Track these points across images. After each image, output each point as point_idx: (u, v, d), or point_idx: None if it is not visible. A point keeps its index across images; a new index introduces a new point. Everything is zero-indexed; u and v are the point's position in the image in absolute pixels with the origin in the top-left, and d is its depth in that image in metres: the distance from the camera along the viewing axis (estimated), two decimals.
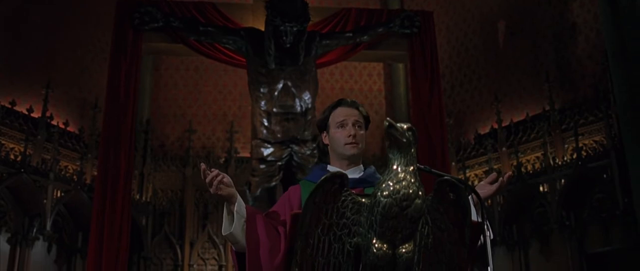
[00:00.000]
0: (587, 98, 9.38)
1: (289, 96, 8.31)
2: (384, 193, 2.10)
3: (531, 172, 9.34)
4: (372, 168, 3.11)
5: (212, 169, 2.78)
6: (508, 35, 10.78)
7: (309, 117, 8.41)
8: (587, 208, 8.79)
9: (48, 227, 8.72)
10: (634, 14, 8.62)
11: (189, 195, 10.51)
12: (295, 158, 8.21)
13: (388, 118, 2.15)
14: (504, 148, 9.86)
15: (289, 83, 8.32)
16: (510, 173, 2.71)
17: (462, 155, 10.42)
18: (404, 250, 2.15)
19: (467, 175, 10.16)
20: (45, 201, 8.80)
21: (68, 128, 9.67)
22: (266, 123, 8.29)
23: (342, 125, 3.02)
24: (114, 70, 8.84)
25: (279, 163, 8.17)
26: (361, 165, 3.07)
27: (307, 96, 8.40)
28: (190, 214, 10.42)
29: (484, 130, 10.49)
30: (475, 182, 9.74)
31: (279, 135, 8.24)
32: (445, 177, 2.26)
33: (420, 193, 2.11)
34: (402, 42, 9.78)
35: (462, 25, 11.38)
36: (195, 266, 10.21)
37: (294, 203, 2.90)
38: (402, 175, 2.11)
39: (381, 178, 2.16)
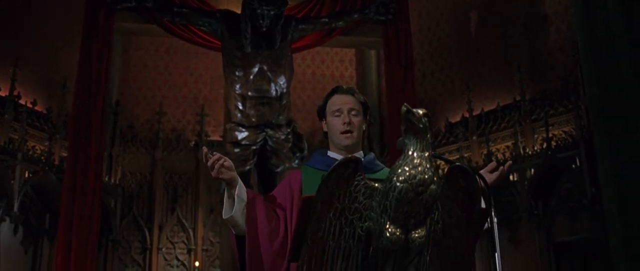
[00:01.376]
0: (557, 89, 9.52)
1: (264, 80, 8.27)
2: (400, 179, 2.10)
3: (502, 161, 9.45)
4: (372, 155, 3.12)
5: (214, 153, 2.76)
6: (480, 25, 10.87)
7: (284, 102, 8.39)
8: (555, 197, 8.95)
9: (15, 208, 8.53)
10: (605, 7, 8.78)
11: (158, 177, 10.40)
12: (270, 143, 8.19)
13: (406, 104, 2.15)
14: (474, 137, 9.96)
15: (265, 68, 8.28)
16: (510, 162, 2.74)
17: (432, 142, 10.48)
18: (416, 235, 2.16)
19: (438, 163, 10.24)
20: (12, 182, 8.60)
21: (36, 108, 9.46)
22: (241, 107, 8.24)
23: (337, 113, 3.02)
24: (85, 50, 8.71)
25: (254, 147, 8.14)
26: (361, 152, 3.07)
27: (282, 80, 8.38)
28: (159, 197, 10.32)
29: (455, 118, 10.58)
30: None
31: (253, 119, 8.20)
32: (457, 164, 2.27)
33: (435, 179, 2.12)
34: (376, 29, 9.83)
35: (435, 14, 11.44)
36: (163, 249, 10.13)
37: (295, 188, 2.90)
38: (418, 161, 2.11)
39: (397, 163, 2.16)
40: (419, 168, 2.10)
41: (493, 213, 2.34)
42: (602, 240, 8.22)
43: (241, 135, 8.16)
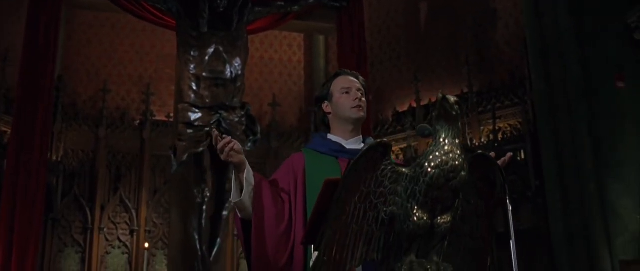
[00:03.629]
0: (505, 83, 9.76)
1: (219, 61, 8.19)
2: (432, 164, 2.12)
3: None
4: (371, 140, 3.13)
5: (224, 136, 2.72)
6: (430, 17, 11.03)
7: (239, 84, 8.33)
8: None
9: None
10: (555, 6, 9.04)
11: (101, 156, 10.14)
12: (224, 125, 8.11)
13: (441, 91, 2.17)
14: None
15: (221, 49, 8.20)
16: (510, 154, 2.81)
17: (380, 131, 10.61)
18: (442, 221, 2.19)
19: None
20: None
21: None
22: (195, 88, 8.13)
23: (347, 91, 3.02)
24: (32, 22, 8.40)
25: (207, 128, 8.04)
26: (361, 136, 3.08)
27: (237, 62, 8.31)
28: (102, 176, 10.06)
29: (403, 108, 10.72)
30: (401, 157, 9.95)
31: (207, 101, 8.11)
32: (480, 152, 2.31)
33: (465, 166, 2.15)
34: (330, 15, 9.85)
35: (386, 3, 11.53)
36: (105, 230, 9.90)
37: (299, 171, 2.89)
38: (449, 148, 2.14)
39: (427, 149, 2.18)
40: (451, 155, 2.13)
41: (508, 202, 2.39)
42: (545, 231, 8.53)
43: (194, 116, 8.05)
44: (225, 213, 8.02)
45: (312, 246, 2.64)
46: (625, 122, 8.16)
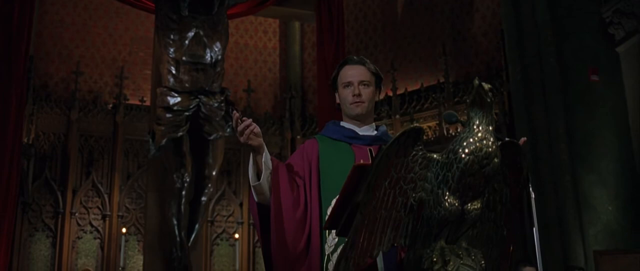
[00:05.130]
0: (481, 74, 9.85)
1: (199, 46, 8.10)
2: (466, 150, 2.11)
3: (426, 140, 9.70)
4: (384, 127, 3.13)
5: (245, 118, 2.68)
6: (407, 7, 11.05)
7: (219, 69, 8.26)
8: None
9: None
10: None
11: (73, 140, 9.97)
12: (203, 110, 8.04)
13: (477, 78, 2.17)
14: (397, 116, 10.17)
15: (201, 33, 8.11)
16: (524, 138, 2.82)
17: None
18: (472, 207, 2.19)
19: None
20: None
21: None
22: (174, 72, 8.04)
23: (348, 85, 3.01)
24: (7, 1, 8.17)
25: (186, 113, 7.97)
26: (374, 124, 3.08)
27: (217, 47, 8.24)
28: (73, 160, 9.90)
29: (379, 96, 10.73)
30: None
31: (187, 85, 8.02)
32: (508, 140, 2.32)
33: (498, 152, 2.15)
34: (309, 2, 9.80)
35: None
36: (77, 214, 9.75)
37: (313, 157, 2.87)
38: (483, 134, 2.14)
39: (460, 135, 2.18)
40: (484, 141, 2.13)
41: (531, 189, 2.41)
42: (519, 221, 8.64)
43: (173, 100, 7.96)
44: (204, 198, 7.97)
45: (333, 231, 2.64)
46: (600, 115, 8.31)
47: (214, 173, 8.10)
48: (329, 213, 2.69)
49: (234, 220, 10.53)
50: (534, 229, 2.42)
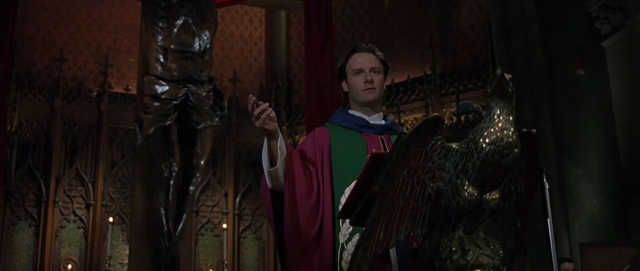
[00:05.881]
0: (467, 67, 9.89)
1: (188, 34, 8.03)
2: (487, 140, 2.11)
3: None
4: (392, 117, 3.13)
5: (261, 102, 2.65)
6: None
7: (207, 58, 8.20)
8: None
9: None
10: None
11: (57, 128, 9.86)
12: (191, 99, 7.96)
13: (500, 68, 2.16)
14: (384, 107, 10.12)
15: (190, 21, 8.04)
16: (533, 130, 2.82)
17: (341, 109, 10.60)
18: (490, 197, 2.19)
19: None
20: None
21: None
22: (162, 60, 7.95)
23: (358, 72, 2.99)
24: None
25: (175, 102, 7.89)
26: (382, 112, 3.07)
27: (206, 36, 8.17)
28: (57, 148, 9.79)
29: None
30: None
31: (175, 74, 7.94)
32: (526, 130, 2.32)
33: (518, 143, 2.15)
34: None
35: None
36: (60, 203, 9.65)
37: (324, 145, 2.85)
38: (503, 124, 2.14)
39: (480, 125, 2.17)
40: (505, 132, 2.13)
41: (545, 180, 2.42)
42: None
43: (161, 88, 7.87)
44: (192, 188, 7.92)
45: (347, 221, 2.62)
46: (586, 110, 8.38)
47: (202, 162, 8.04)
48: (343, 202, 2.69)
49: (219, 210, 10.49)
50: (549, 220, 2.42)
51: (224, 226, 9.51)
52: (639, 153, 8.06)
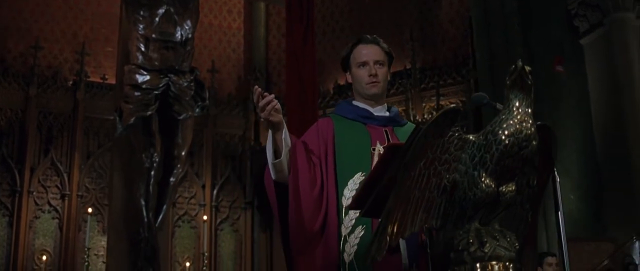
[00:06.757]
0: (448, 61, 9.94)
1: (170, 23, 7.91)
2: (506, 132, 2.11)
3: None
4: (396, 109, 3.11)
5: (266, 93, 2.61)
6: None
7: (188, 48, 8.10)
8: None
9: None
10: None
11: (32, 116, 9.70)
12: (173, 89, 7.85)
13: (520, 60, 2.16)
14: None
15: (172, 10, 7.92)
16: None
17: (321, 103, 10.58)
18: (507, 190, 2.19)
19: None
20: None
21: None
22: (143, 49, 7.82)
23: (363, 65, 2.96)
24: None
25: (156, 92, 7.76)
26: (386, 104, 3.05)
27: (188, 25, 8.06)
28: (31, 137, 9.63)
29: (344, 80, 10.72)
30: None
31: (156, 63, 7.81)
32: (541, 123, 2.32)
33: (536, 135, 2.15)
34: None
35: None
36: (35, 193, 9.50)
37: (328, 137, 2.82)
38: (522, 117, 2.13)
39: (499, 117, 2.17)
40: (524, 124, 2.12)
41: (556, 174, 2.43)
42: None
43: (142, 78, 7.74)
44: (172, 179, 7.82)
45: (350, 213, 2.61)
46: (564, 105, 8.48)
47: (183, 153, 7.95)
48: (346, 194, 2.67)
49: (196, 202, 10.41)
50: (560, 213, 2.42)
51: (205, 218, 9.44)
52: (616, 150, 8.19)
